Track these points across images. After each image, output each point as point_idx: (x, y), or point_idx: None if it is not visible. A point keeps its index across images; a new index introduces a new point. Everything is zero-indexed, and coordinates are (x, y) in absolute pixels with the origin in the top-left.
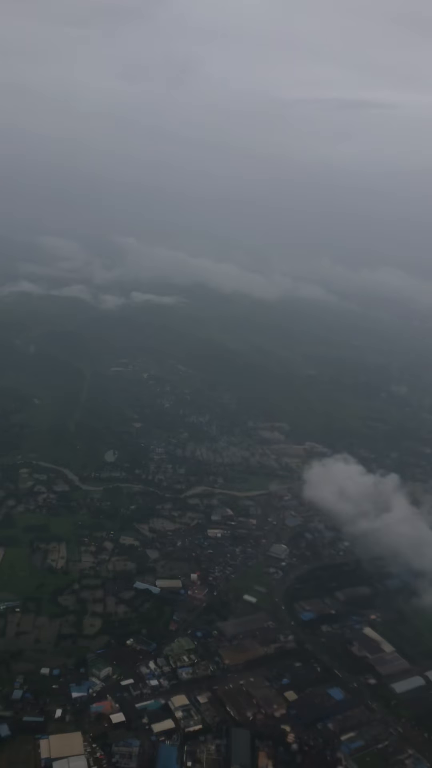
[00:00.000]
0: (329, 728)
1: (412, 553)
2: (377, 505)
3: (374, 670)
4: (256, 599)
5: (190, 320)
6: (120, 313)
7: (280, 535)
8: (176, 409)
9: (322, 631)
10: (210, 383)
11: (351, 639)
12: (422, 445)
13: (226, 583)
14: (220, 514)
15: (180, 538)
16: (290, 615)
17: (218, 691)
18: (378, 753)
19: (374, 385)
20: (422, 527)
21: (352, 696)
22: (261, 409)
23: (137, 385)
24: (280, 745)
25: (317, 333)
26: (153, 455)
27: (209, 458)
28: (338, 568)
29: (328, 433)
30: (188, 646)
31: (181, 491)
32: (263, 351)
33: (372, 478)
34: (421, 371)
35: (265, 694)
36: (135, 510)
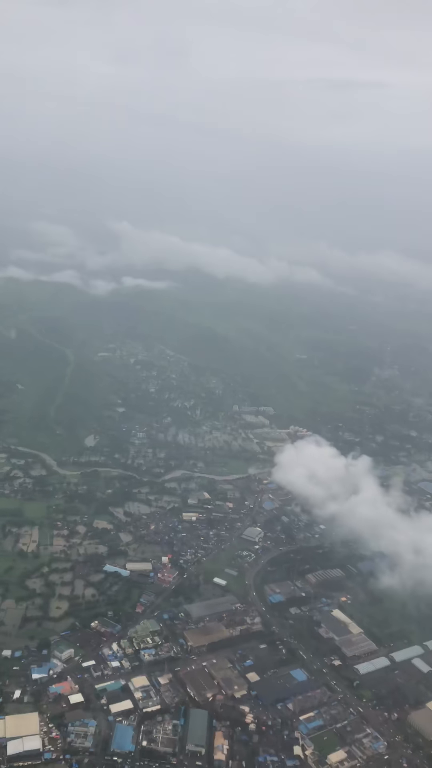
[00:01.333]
0: (289, 709)
1: (375, 535)
2: (346, 488)
3: (340, 651)
4: (226, 582)
5: (181, 305)
6: (110, 298)
7: (255, 518)
8: (161, 394)
9: (291, 613)
10: (197, 368)
11: (319, 621)
12: (408, 429)
13: (197, 566)
14: (196, 497)
15: (154, 522)
16: (259, 598)
17: (180, 673)
18: (336, 732)
19: (365, 369)
20: (386, 510)
21: (315, 677)
22: (247, 394)
23: (123, 370)
24: (238, 726)
25: (311, 317)
26: (134, 440)
27: (191, 443)
28: (312, 551)
29: (314, 417)
30: (153, 628)
31: (159, 475)
32: (254, 336)
33: (343, 460)
34: (415, 355)
35: (226, 675)
36: (111, 494)
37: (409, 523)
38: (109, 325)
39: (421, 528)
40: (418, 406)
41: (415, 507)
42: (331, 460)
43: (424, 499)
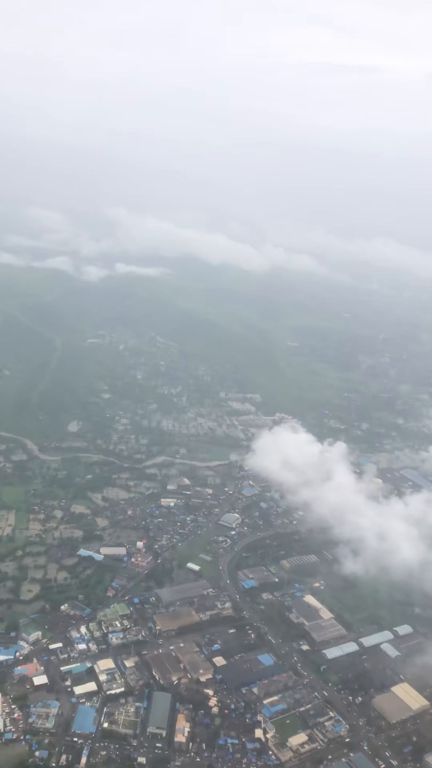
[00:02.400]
0: (254, 693)
1: (341, 521)
2: (319, 474)
3: (309, 636)
4: (200, 567)
5: (173, 292)
6: (102, 284)
7: (234, 504)
8: (149, 380)
9: (263, 598)
10: (187, 355)
11: (290, 606)
12: (395, 416)
13: (172, 551)
14: (176, 483)
15: (132, 507)
16: (232, 583)
17: (146, 656)
18: (299, 716)
19: (356, 357)
20: (355, 496)
21: (282, 662)
22: (235, 381)
23: (112, 356)
24: (201, 709)
25: (305, 304)
26: (117, 426)
27: (175, 429)
28: (288, 537)
29: (301, 405)
30: (123, 611)
31: (140, 461)
32: (246, 323)
33: (318, 447)
34: (407, 343)
35: (193, 659)
36: (91, 479)
37: (376, 510)
38: (100, 311)
39: (387, 514)
40: (406, 394)
41: (387, 493)
42: (306, 446)
43: (406, 485)
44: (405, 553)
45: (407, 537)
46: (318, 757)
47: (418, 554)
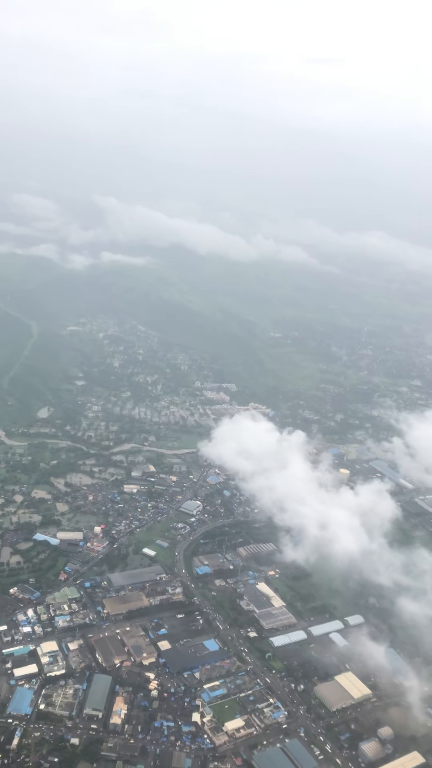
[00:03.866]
0: (195, 677)
1: (290, 510)
2: (274, 463)
3: (258, 623)
4: (156, 553)
5: (158, 281)
6: (86, 273)
7: (198, 492)
8: (125, 368)
9: (215, 585)
10: (167, 344)
11: (242, 593)
12: (370, 408)
13: (129, 537)
14: (141, 470)
15: (94, 493)
16: (186, 569)
17: (91, 639)
18: (238, 701)
19: (338, 349)
20: (306, 486)
21: (227, 648)
22: (213, 371)
23: (90, 344)
24: (141, 692)
25: (292, 296)
26: (88, 413)
27: (146, 417)
28: (248, 525)
29: (276, 395)
30: (73, 595)
31: (107, 448)
32: (229, 313)
33: (276, 435)
34: (391, 335)
35: (137, 642)
36: (56, 465)
37: (329, 499)
38: (83, 299)
39: (334, 503)
40: (384, 386)
41: (339, 483)
42: (263, 434)
43: (373, 476)
44: (358, 543)
45: (357, 527)
46: (253, 742)
47: (374, 545)
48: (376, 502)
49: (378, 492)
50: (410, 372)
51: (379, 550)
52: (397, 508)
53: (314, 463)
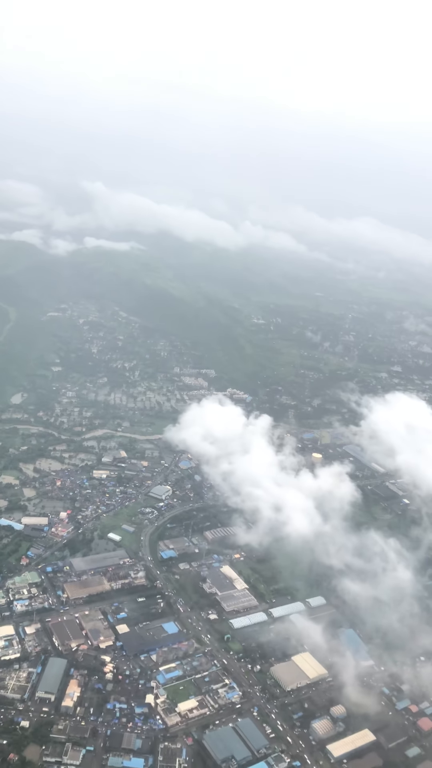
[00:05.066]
0: (152, 659)
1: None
2: (239, 448)
3: (219, 606)
4: (121, 537)
5: (141, 267)
6: (69, 259)
7: (168, 477)
8: (103, 354)
9: (179, 568)
10: (148, 330)
11: (205, 576)
12: (349, 393)
13: (95, 522)
14: (112, 455)
15: (63, 479)
16: (151, 553)
17: (49, 623)
18: (194, 682)
19: (322, 335)
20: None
21: (186, 630)
22: (192, 357)
23: (70, 330)
24: (96, 674)
25: (277, 283)
26: (62, 399)
27: (121, 403)
28: (216, 509)
29: (254, 381)
30: (33, 579)
31: (80, 434)
32: (213, 300)
33: (243, 420)
34: (375, 322)
35: (95, 626)
36: (25, 450)
37: (287, 482)
38: (65, 285)
39: (293, 487)
40: (364, 372)
41: (302, 467)
42: (230, 419)
43: (346, 461)
44: (313, 526)
45: (312, 510)
46: (205, 723)
47: (326, 527)
48: (336, 485)
49: (339, 475)
50: (391, 358)
51: (335, 532)
52: (357, 491)
53: (279, 447)
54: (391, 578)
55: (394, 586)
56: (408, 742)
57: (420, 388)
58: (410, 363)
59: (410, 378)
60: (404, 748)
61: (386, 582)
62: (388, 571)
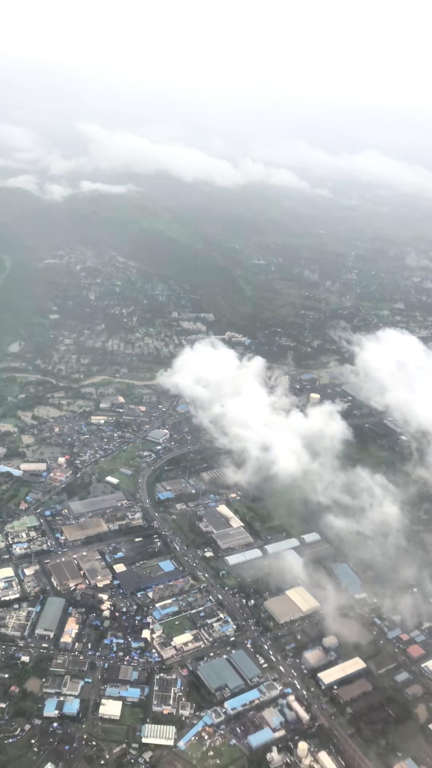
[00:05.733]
0: (149, 597)
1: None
2: (231, 390)
3: (215, 544)
4: (119, 481)
5: (139, 210)
6: (65, 204)
7: (166, 421)
8: (101, 300)
9: (176, 509)
10: (146, 274)
11: (202, 516)
12: (350, 333)
13: (93, 466)
14: (110, 401)
15: (61, 425)
16: (149, 495)
17: (48, 564)
18: (189, 617)
19: (323, 274)
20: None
21: (182, 568)
22: (191, 301)
23: (67, 277)
24: (93, 612)
25: (279, 222)
26: (59, 346)
27: (119, 349)
28: (214, 451)
29: (254, 323)
30: (32, 523)
31: (78, 381)
32: (212, 241)
33: (236, 363)
34: (379, 259)
35: (93, 566)
36: (24, 399)
37: (278, 422)
38: (61, 231)
39: (284, 427)
40: (366, 310)
41: (292, 407)
42: (223, 362)
43: (345, 400)
44: (300, 464)
45: (300, 449)
46: (200, 655)
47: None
48: (327, 424)
49: (330, 414)
50: (394, 295)
51: (326, 470)
52: (348, 430)
53: (272, 389)
54: (384, 513)
55: (386, 521)
56: (397, 669)
57: (422, 325)
58: (413, 300)
59: (412, 315)
60: (393, 674)
61: (379, 517)
62: (382, 506)
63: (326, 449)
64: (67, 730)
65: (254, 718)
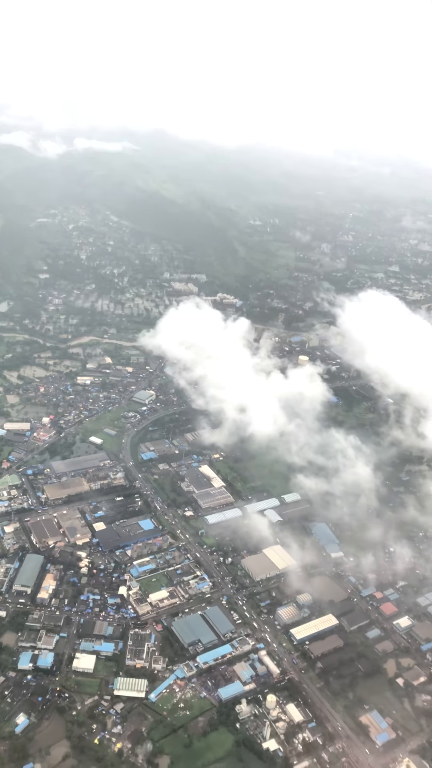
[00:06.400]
0: (127, 554)
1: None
2: (215, 351)
3: (196, 503)
4: (102, 441)
5: (135, 169)
6: (59, 161)
7: (152, 382)
8: (92, 260)
9: (159, 469)
10: (139, 234)
11: (184, 476)
12: (344, 294)
13: (78, 427)
14: (97, 362)
15: (46, 385)
16: (132, 455)
17: (27, 522)
18: (166, 575)
19: (319, 236)
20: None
21: (162, 526)
22: (184, 261)
23: (59, 236)
24: (71, 569)
25: (278, 182)
26: (48, 306)
27: (109, 310)
28: (200, 413)
29: (246, 285)
30: (13, 482)
31: (65, 341)
32: (208, 201)
33: (221, 324)
34: (377, 221)
35: (73, 524)
36: (10, 358)
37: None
38: (54, 189)
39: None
40: (359, 273)
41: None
42: (208, 323)
43: (331, 363)
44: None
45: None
46: (175, 611)
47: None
48: (307, 386)
49: (310, 376)
50: (389, 258)
51: (300, 431)
52: (329, 392)
53: (256, 350)
54: (365, 474)
55: (367, 481)
56: (369, 625)
57: (416, 288)
58: (409, 262)
59: (407, 278)
60: (365, 631)
61: (361, 478)
62: (363, 467)
63: (306, 411)
64: (41, 682)
65: (226, 672)
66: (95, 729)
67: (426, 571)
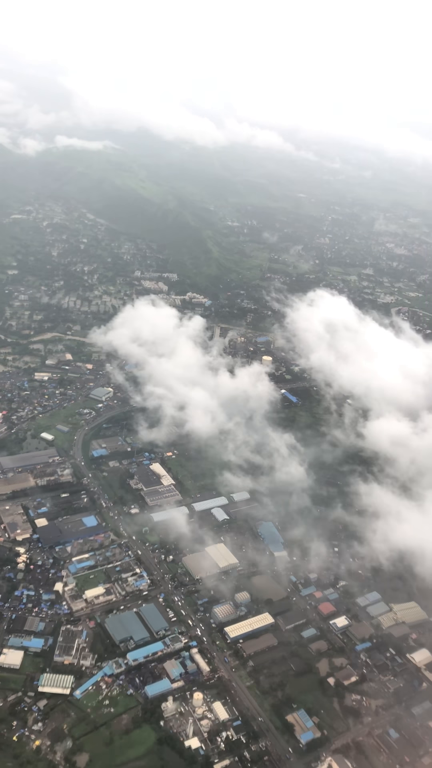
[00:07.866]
0: (67, 551)
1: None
2: (165, 348)
3: (143, 501)
4: (54, 437)
5: (114, 167)
6: (38, 158)
7: (111, 379)
8: (63, 257)
9: (109, 466)
10: (113, 233)
11: (134, 473)
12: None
13: (30, 422)
14: (57, 358)
15: (2, 381)
16: (83, 452)
17: None
18: (105, 572)
19: (296, 238)
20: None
21: (105, 523)
22: (156, 260)
23: (31, 233)
24: (8, 565)
25: (259, 184)
26: (13, 302)
27: (75, 306)
28: (155, 410)
29: (217, 285)
30: None
31: (27, 337)
32: (185, 201)
33: (175, 322)
34: (355, 224)
35: (14, 520)
36: None
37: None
38: (32, 186)
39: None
40: (332, 275)
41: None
42: (162, 321)
43: (292, 363)
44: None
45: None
46: (110, 608)
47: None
48: (253, 384)
49: (258, 375)
50: (364, 261)
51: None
52: (276, 392)
53: (208, 349)
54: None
55: (316, 479)
56: (305, 625)
57: (388, 291)
58: (383, 265)
59: (380, 281)
60: (301, 630)
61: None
62: (313, 466)
63: (250, 410)
64: None
65: (155, 669)
66: (15, 726)
67: (368, 572)
